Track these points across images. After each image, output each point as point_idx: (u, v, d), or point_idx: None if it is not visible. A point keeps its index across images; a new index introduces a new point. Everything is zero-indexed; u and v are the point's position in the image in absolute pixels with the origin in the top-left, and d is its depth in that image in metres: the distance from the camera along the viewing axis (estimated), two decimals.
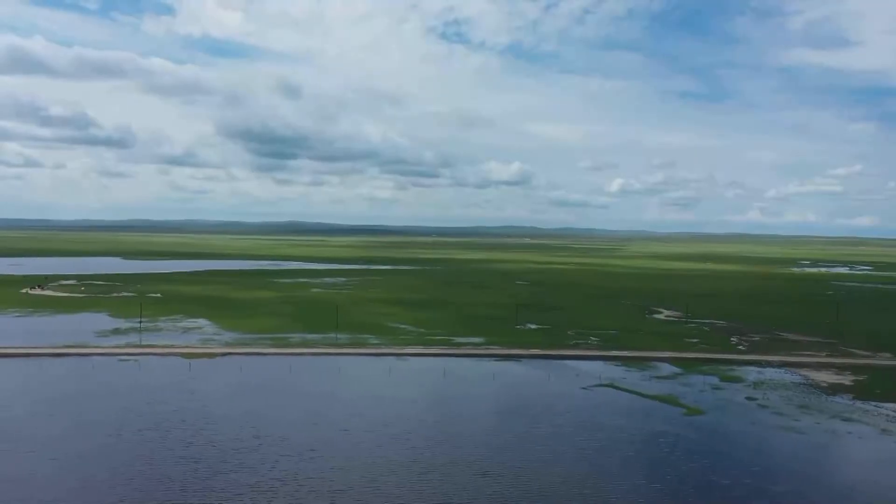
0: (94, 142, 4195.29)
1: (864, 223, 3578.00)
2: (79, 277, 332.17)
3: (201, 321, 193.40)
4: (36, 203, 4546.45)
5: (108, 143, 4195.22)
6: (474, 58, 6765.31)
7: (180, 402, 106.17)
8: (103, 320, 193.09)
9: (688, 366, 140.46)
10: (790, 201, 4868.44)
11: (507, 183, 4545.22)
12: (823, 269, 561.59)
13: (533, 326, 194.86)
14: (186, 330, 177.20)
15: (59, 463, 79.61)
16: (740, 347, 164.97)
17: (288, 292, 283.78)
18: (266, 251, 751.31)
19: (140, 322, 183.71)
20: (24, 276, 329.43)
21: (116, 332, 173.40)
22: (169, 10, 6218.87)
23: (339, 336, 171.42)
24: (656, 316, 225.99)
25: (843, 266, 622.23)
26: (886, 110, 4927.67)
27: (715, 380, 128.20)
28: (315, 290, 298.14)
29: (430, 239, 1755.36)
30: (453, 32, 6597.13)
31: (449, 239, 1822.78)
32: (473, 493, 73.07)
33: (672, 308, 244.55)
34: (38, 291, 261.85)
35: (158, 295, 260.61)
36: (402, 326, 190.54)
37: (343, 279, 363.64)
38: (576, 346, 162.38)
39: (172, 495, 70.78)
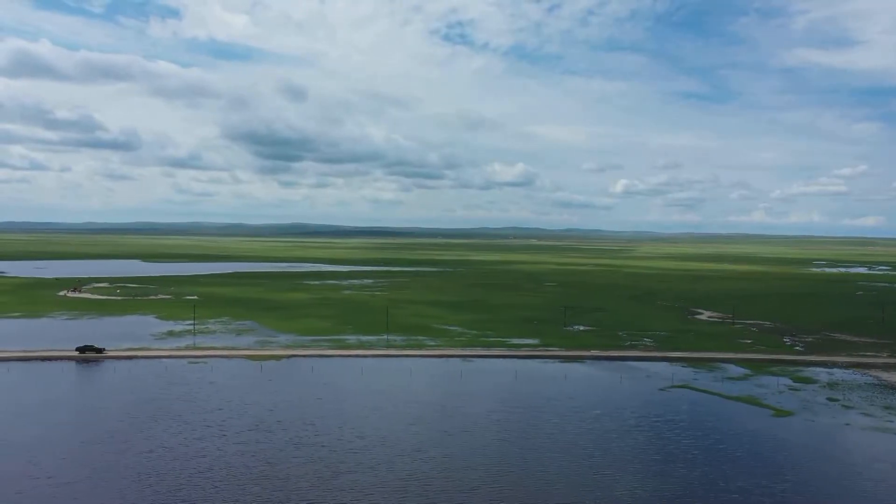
0: (99, 145, 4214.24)
1: (869, 223, 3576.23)
2: (110, 280, 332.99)
3: (249, 323, 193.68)
4: (41, 206, 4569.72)
5: (114, 145, 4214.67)
6: (477, 59, 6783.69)
7: (269, 404, 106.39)
8: (152, 323, 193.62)
9: (754, 367, 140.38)
10: (795, 202, 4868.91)
11: (511, 184, 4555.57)
12: (843, 270, 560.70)
13: (582, 328, 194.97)
14: (240, 332, 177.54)
15: (180, 463, 79.88)
16: (798, 348, 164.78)
17: (320, 294, 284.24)
18: (279, 253, 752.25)
19: (194, 325, 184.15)
20: (56, 279, 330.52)
21: (171, 334, 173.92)
22: (175, 14, 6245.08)
23: (391, 338, 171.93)
24: (697, 317, 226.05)
25: (859, 266, 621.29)
26: (891, 110, 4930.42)
27: (787, 381, 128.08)
28: (346, 291, 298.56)
29: (438, 241, 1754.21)
30: (456, 34, 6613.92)
31: (454, 240, 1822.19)
32: (607, 491, 73.26)
33: (710, 309, 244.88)
34: (75, 294, 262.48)
35: (195, 297, 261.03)
36: (452, 328, 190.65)
37: (370, 280, 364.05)
38: (632, 348, 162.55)
39: (306, 494, 71.14)
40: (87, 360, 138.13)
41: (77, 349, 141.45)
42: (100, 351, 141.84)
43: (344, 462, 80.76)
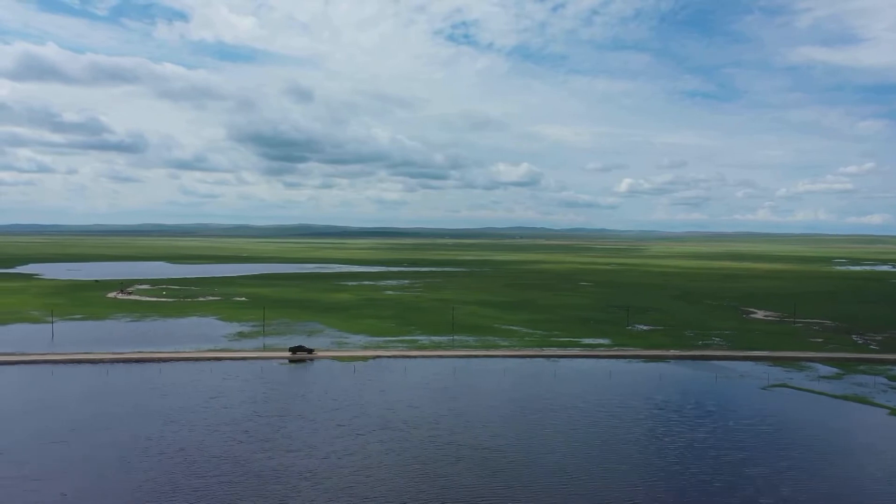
0: (105, 147, 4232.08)
1: (875, 221, 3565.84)
2: (151, 282, 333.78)
3: (313, 324, 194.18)
4: (47, 208, 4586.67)
5: (120, 148, 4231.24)
6: (482, 60, 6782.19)
7: (390, 403, 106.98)
8: (217, 324, 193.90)
9: (843, 366, 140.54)
10: (801, 200, 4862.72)
11: (516, 184, 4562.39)
12: (867, 268, 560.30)
13: (644, 327, 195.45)
14: (310, 333, 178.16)
15: (337, 461, 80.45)
16: (873, 347, 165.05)
17: (363, 294, 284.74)
18: (296, 255, 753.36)
19: (263, 326, 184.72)
20: (96, 281, 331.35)
21: (241, 335, 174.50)
22: (182, 16, 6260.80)
23: (461, 338, 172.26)
24: (752, 316, 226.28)
25: (883, 264, 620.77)
26: None
27: (883, 380, 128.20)
28: (388, 292, 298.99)
29: (448, 241, 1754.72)
30: (461, 34, 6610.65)
31: (464, 241, 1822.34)
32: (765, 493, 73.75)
33: (762, 308, 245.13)
34: (125, 296, 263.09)
35: (244, 298, 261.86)
36: (516, 328, 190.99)
37: (405, 281, 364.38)
38: (706, 347, 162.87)
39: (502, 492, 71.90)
40: (300, 360, 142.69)
41: (290, 350, 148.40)
42: (310, 351, 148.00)
43: (512, 461, 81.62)
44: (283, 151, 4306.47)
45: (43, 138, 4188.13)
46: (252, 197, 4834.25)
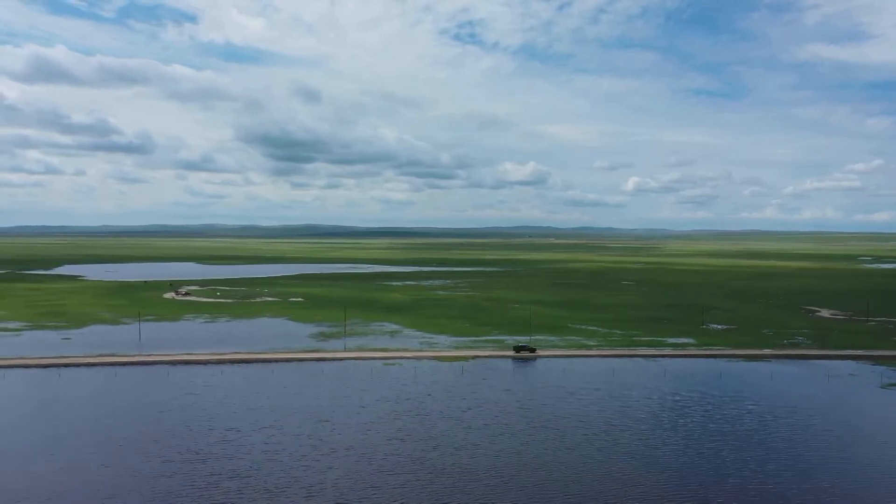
0: (114, 148, 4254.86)
1: (882, 218, 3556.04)
2: (198, 283, 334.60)
3: (387, 325, 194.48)
4: (54, 209, 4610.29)
5: (128, 149, 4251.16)
6: (487, 59, 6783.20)
7: (530, 404, 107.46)
8: (291, 325, 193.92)
9: None
10: (808, 197, 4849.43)
11: (522, 183, 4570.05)
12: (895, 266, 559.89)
13: (719, 326, 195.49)
14: (394, 333, 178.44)
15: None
16: None
17: (415, 294, 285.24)
18: (320, 254, 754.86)
19: (345, 326, 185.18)
20: (145, 282, 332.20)
21: (322, 335, 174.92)
22: (191, 18, 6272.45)
23: (544, 338, 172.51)
24: (818, 314, 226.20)
25: None
26: None
27: None
28: (439, 292, 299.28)
29: (462, 241, 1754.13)
30: (466, 34, 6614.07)
31: (473, 240, 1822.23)
32: None
33: (825, 307, 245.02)
34: (182, 297, 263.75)
35: (300, 299, 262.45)
36: (590, 328, 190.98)
37: (447, 281, 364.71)
38: (794, 346, 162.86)
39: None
40: (523, 359, 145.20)
41: (514, 349, 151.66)
42: (532, 350, 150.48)
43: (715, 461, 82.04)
44: (289, 152, 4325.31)
45: (51, 140, 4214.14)
46: (258, 197, 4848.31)
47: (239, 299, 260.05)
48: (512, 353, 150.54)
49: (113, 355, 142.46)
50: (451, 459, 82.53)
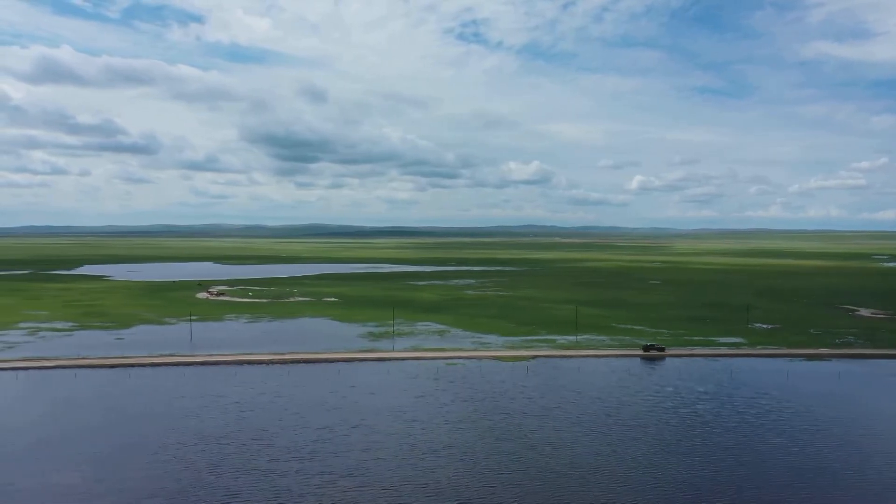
0: (119, 149, 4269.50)
1: (888, 217, 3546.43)
2: (227, 283, 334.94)
3: (432, 324, 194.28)
4: (59, 210, 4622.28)
5: (134, 149, 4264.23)
6: (491, 58, 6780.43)
7: (612, 405, 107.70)
8: (335, 325, 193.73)
9: None
10: (813, 196, 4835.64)
11: (527, 182, 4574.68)
12: None
13: (765, 326, 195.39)
14: (442, 333, 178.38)
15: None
16: None
17: (445, 293, 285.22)
18: (332, 255, 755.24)
19: (393, 327, 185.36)
20: (174, 282, 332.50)
21: (371, 335, 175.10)
22: (196, 19, 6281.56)
23: (591, 337, 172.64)
24: (858, 313, 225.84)
25: None
26: None
27: None
28: (469, 291, 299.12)
29: (466, 240, 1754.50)
30: (470, 33, 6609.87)
31: (481, 240, 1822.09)
32: None
33: (861, 306, 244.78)
34: (217, 297, 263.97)
35: (334, 298, 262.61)
36: (637, 328, 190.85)
37: (471, 280, 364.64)
38: (848, 346, 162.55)
39: None
40: (652, 358, 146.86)
41: (643, 347, 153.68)
42: (661, 349, 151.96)
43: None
44: (294, 152, 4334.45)
45: (58, 140, 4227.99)
46: (263, 197, 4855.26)
47: (272, 299, 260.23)
48: (640, 352, 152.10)
49: (173, 355, 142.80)
50: (556, 459, 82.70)
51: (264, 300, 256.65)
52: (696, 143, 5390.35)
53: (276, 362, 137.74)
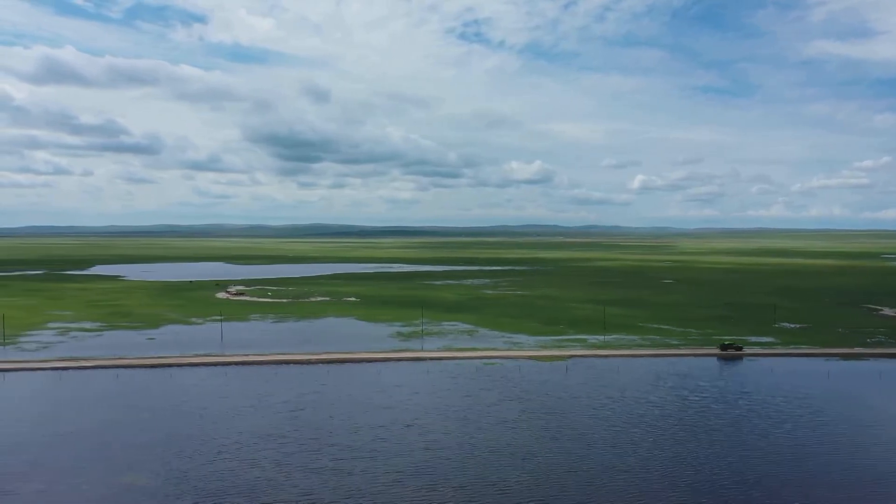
0: (122, 149, 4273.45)
1: (891, 216, 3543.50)
2: (243, 283, 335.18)
3: (459, 324, 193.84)
4: (61, 210, 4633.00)
5: (136, 149, 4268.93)
6: (493, 58, 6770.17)
7: (673, 407, 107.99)
8: (363, 324, 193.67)
9: None
10: (815, 195, 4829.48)
11: (528, 182, 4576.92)
12: None
13: (791, 325, 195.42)
14: (471, 333, 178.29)
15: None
16: None
17: (463, 293, 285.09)
18: (341, 254, 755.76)
19: (422, 327, 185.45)
20: (191, 282, 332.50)
21: (401, 335, 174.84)
22: (199, 19, 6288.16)
23: (619, 337, 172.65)
24: (882, 313, 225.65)
25: None
26: None
27: None
28: (487, 291, 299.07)
29: (467, 239, 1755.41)
30: (472, 33, 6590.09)
31: (484, 239, 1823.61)
32: None
33: (884, 305, 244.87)
34: (237, 297, 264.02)
35: (354, 298, 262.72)
36: (665, 327, 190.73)
37: (486, 280, 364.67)
38: (881, 345, 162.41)
39: None
40: (730, 357, 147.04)
41: (720, 347, 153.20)
42: (739, 349, 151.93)
43: None
44: (297, 152, 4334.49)
45: (60, 140, 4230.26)
46: (265, 197, 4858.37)
47: (292, 299, 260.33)
48: (717, 351, 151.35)
49: (209, 355, 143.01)
50: (619, 459, 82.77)
51: (284, 300, 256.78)
52: (699, 143, 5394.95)
53: (314, 362, 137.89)
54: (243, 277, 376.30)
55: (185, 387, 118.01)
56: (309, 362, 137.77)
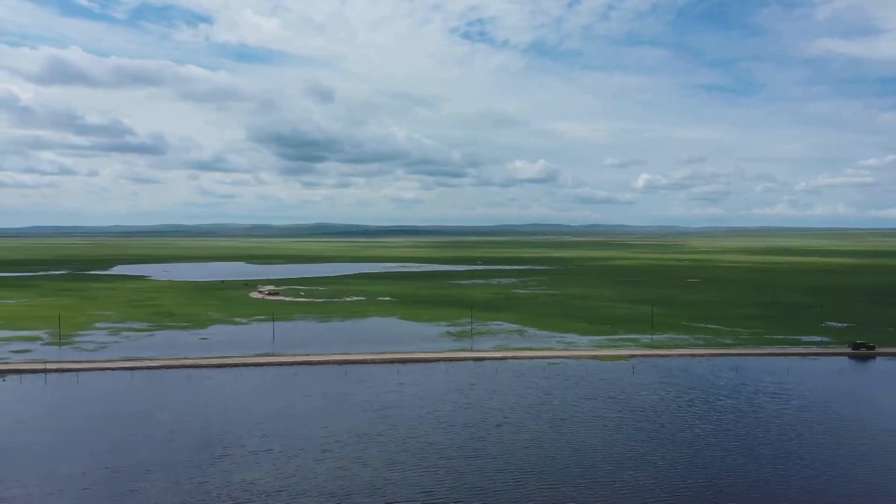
0: (127, 149, 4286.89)
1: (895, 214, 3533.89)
2: (273, 283, 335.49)
3: (504, 324, 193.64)
4: (66, 210, 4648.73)
5: (142, 149, 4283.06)
6: (497, 57, 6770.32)
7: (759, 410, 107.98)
8: (409, 324, 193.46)
9: None
10: (820, 193, 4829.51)
11: (532, 181, 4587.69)
12: None
13: (838, 325, 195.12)
14: (521, 332, 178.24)
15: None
16: None
17: (495, 292, 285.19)
18: (356, 253, 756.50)
19: (471, 326, 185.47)
20: (222, 282, 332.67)
21: (450, 335, 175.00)
22: (205, 19, 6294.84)
23: (672, 337, 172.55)
24: None
25: None
26: None
27: None
28: (517, 290, 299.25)
29: (471, 238, 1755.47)
30: (476, 32, 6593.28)
31: (490, 238, 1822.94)
32: None
33: None
34: (272, 297, 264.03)
35: (388, 298, 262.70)
36: (712, 326, 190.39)
37: (513, 279, 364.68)
38: None
39: None
40: (862, 357, 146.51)
41: (851, 345, 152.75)
42: (871, 348, 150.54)
43: None
44: (301, 151, 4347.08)
45: (66, 141, 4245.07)
46: (269, 197, 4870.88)
47: (327, 299, 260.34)
48: (848, 350, 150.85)
49: (272, 355, 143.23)
50: (740, 460, 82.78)
51: (319, 300, 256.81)
52: (703, 141, 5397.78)
53: (378, 362, 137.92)
54: (266, 277, 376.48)
55: (262, 387, 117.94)
56: (374, 362, 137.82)
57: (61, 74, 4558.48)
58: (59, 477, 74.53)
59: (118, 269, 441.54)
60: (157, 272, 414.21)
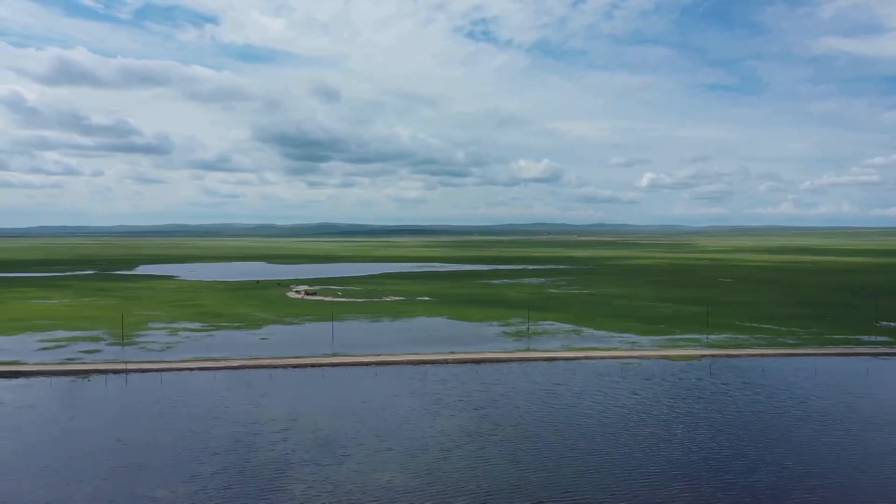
0: (132, 149, 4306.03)
1: None
2: (306, 282, 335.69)
3: (557, 324, 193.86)
4: (71, 210, 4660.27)
5: (147, 149, 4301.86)
6: (501, 56, 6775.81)
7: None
8: (461, 325, 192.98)
9: None
10: (825, 192, 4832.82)
11: (536, 180, 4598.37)
12: None
13: (892, 324, 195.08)
14: (577, 332, 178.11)
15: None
16: None
17: (531, 292, 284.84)
18: (369, 252, 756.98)
19: (528, 327, 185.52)
20: (257, 282, 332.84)
21: (506, 335, 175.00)
22: (211, 20, 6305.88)
23: (727, 336, 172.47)
24: None
25: None
26: None
27: None
28: (551, 290, 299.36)
29: (476, 238, 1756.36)
30: (480, 31, 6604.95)
31: (498, 238, 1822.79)
32: None
33: None
34: (311, 297, 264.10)
35: (427, 298, 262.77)
36: (766, 326, 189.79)
37: (542, 279, 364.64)
38: None
39: None
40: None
41: None
42: None
43: None
44: (306, 151, 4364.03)
45: (71, 141, 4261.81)
46: (273, 197, 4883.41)
47: (367, 299, 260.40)
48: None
49: (345, 355, 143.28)
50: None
51: (359, 299, 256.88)
52: (707, 140, 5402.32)
53: (451, 362, 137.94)
54: (294, 277, 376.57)
55: (346, 386, 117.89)
56: (446, 362, 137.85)
57: (67, 75, 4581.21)
58: (200, 476, 74.61)
59: (144, 269, 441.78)
60: (183, 272, 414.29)
